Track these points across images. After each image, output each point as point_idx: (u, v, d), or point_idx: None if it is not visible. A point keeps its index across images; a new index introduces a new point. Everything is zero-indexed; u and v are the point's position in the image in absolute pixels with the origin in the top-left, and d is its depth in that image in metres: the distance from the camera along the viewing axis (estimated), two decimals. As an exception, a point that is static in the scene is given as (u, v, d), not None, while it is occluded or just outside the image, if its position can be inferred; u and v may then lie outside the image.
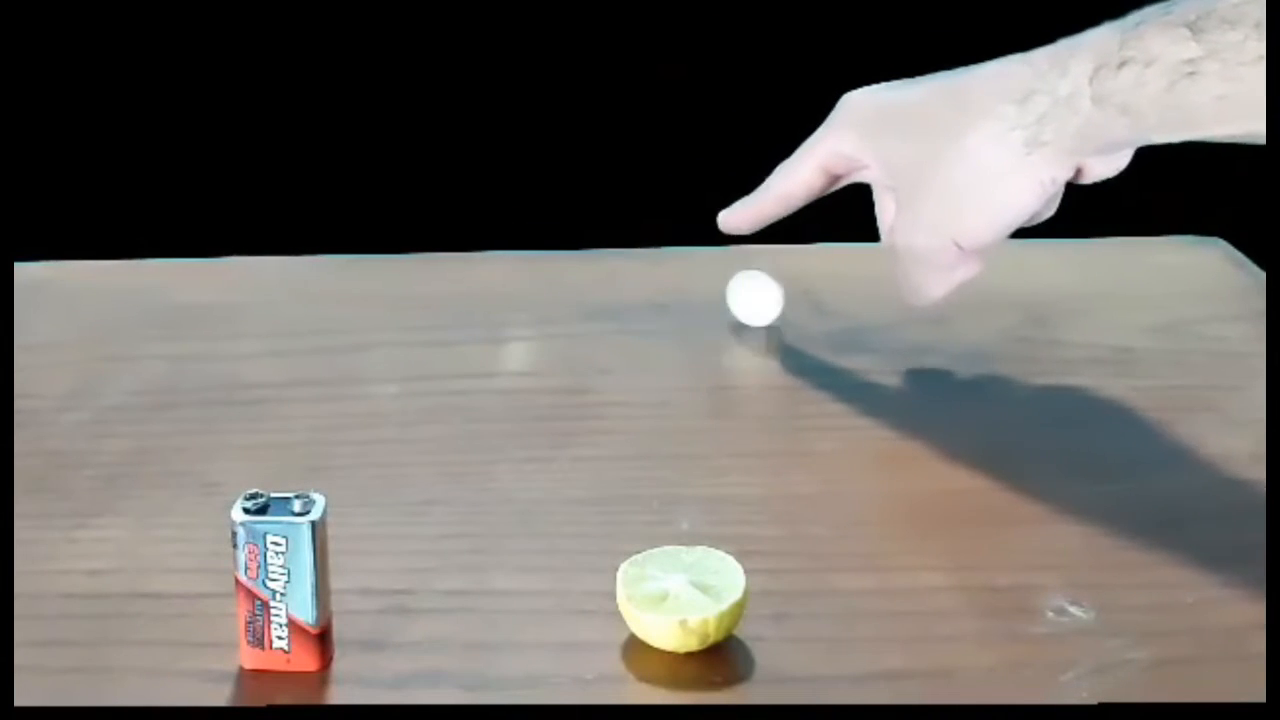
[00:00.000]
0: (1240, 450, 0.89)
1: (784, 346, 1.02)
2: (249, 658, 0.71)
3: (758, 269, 1.05)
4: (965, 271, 0.89)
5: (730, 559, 0.74)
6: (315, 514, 0.69)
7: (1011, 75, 0.83)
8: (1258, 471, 0.85)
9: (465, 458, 0.89)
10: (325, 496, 0.70)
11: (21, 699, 0.69)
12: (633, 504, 0.85)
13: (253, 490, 0.70)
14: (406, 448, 0.90)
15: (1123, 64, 0.78)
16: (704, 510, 0.84)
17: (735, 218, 0.97)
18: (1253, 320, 1.04)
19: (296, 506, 0.70)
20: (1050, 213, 0.87)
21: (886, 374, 0.99)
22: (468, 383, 0.98)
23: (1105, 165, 0.85)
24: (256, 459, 0.88)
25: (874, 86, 0.91)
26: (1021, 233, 0.96)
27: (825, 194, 0.94)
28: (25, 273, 1.07)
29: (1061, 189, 0.85)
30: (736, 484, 0.87)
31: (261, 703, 0.70)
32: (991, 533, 0.82)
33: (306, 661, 0.71)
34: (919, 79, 0.89)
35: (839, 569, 0.79)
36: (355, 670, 0.72)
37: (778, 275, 1.10)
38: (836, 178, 0.93)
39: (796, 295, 1.08)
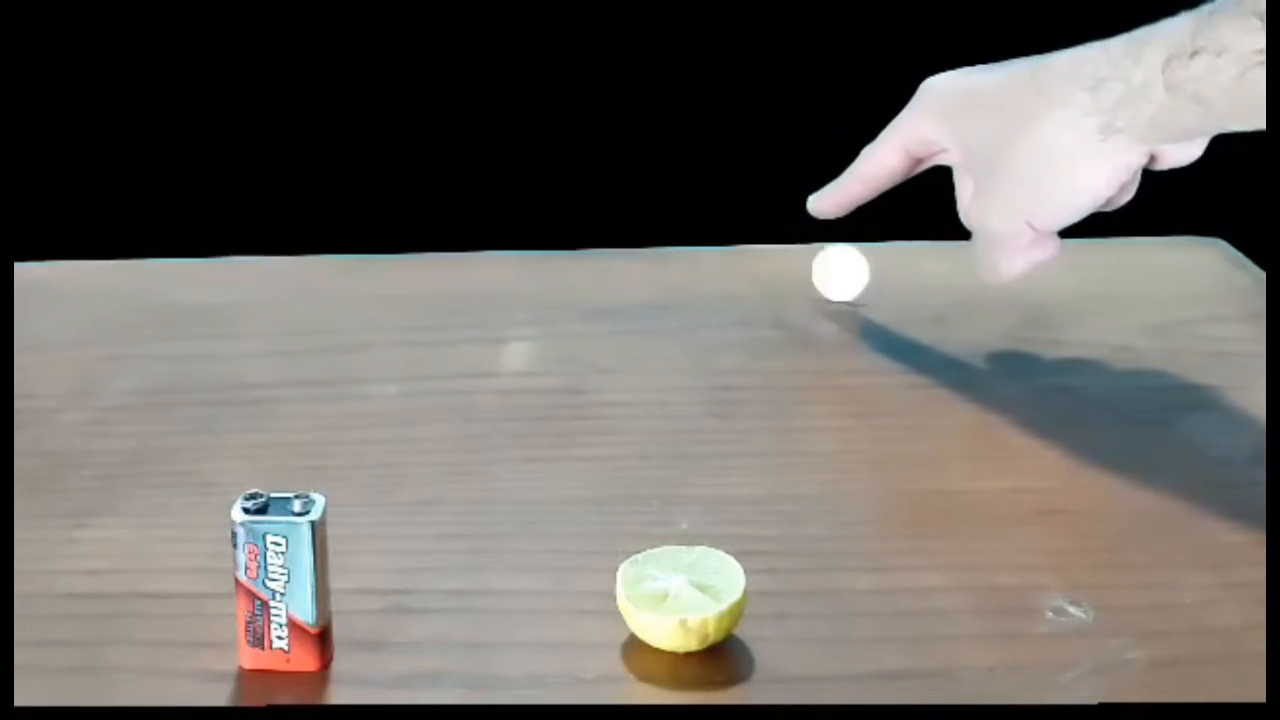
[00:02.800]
0: (1240, 450, 0.89)
1: (784, 346, 1.02)
2: (249, 658, 0.71)
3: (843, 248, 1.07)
4: (1040, 253, 0.90)
5: (730, 559, 0.74)
6: (315, 514, 0.69)
7: (1087, 62, 0.85)
8: (1257, 471, 0.85)
9: (465, 458, 0.89)
10: (325, 496, 0.70)
11: (21, 699, 0.69)
12: (633, 504, 0.85)
13: (253, 490, 0.70)
14: (406, 448, 0.90)
15: (1195, 53, 0.79)
16: (704, 510, 0.84)
17: (823, 202, 0.99)
18: (1252, 320, 1.04)
19: (296, 506, 0.70)
20: (1126, 199, 0.88)
21: (886, 374, 0.99)
22: (468, 383, 0.98)
23: (1180, 153, 0.86)
24: (256, 459, 0.88)
25: (955, 71, 0.93)
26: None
27: (909, 177, 0.96)
28: (25, 273, 1.07)
29: (1137, 176, 0.87)
30: (736, 484, 0.87)
31: (261, 703, 0.70)
32: (991, 533, 0.82)
33: (306, 661, 0.71)
34: (999, 64, 0.91)
35: (839, 569, 0.79)
36: (355, 670, 0.72)
37: (779, 275, 1.11)
38: (918, 160, 0.95)
39: (797, 295, 1.08)
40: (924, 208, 1.00)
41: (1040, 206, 0.87)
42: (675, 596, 0.72)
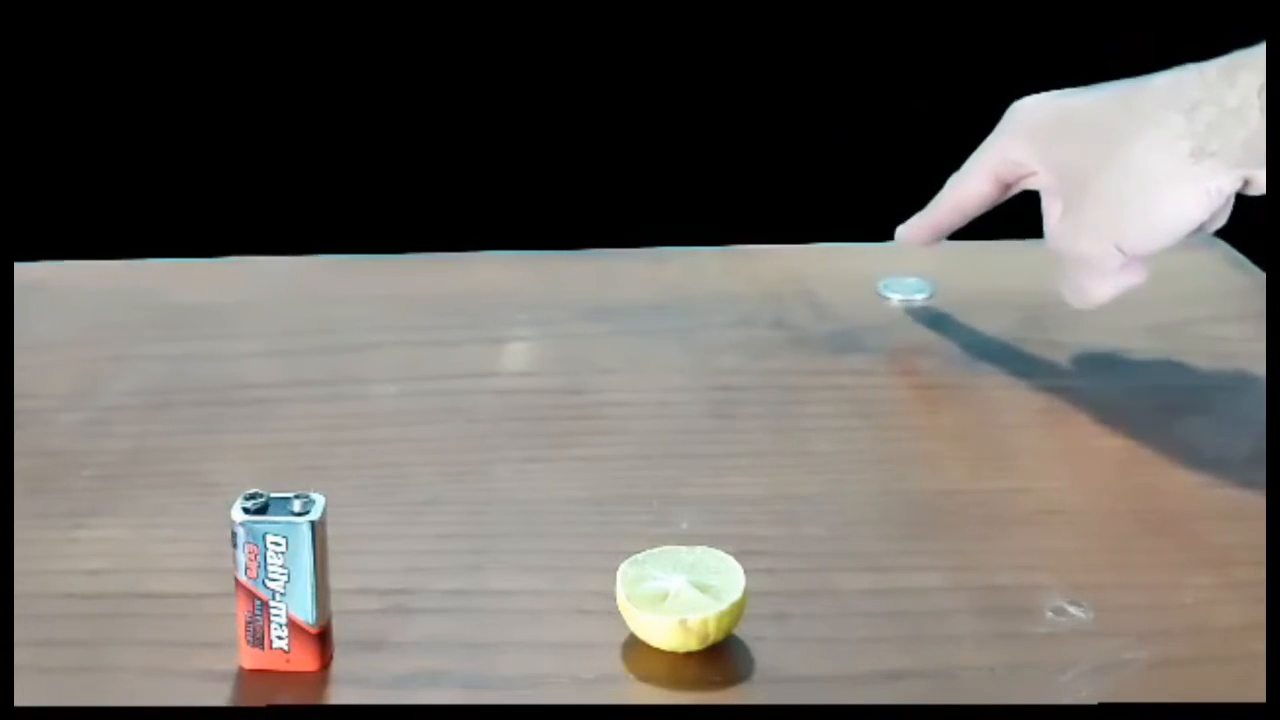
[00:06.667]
0: (1239, 451, 0.89)
1: (784, 346, 1.02)
2: (249, 658, 0.71)
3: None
4: (1129, 278, 0.89)
5: (730, 559, 0.74)
6: (315, 514, 0.70)
7: (1182, 85, 0.84)
8: (1257, 472, 0.85)
9: (465, 458, 0.89)
10: (325, 496, 0.70)
11: (21, 699, 0.69)
12: (633, 504, 0.85)
13: (252, 490, 0.70)
14: (406, 448, 0.90)
15: None
16: (704, 510, 0.84)
17: (912, 231, 0.99)
18: (1252, 321, 1.04)
19: (296, 506, 0.70)
20: (1219, 224, 0.88)
21: (885, 374, 0.99)
22: (468, 383, 0.98)
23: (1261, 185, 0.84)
24: (256, 459, 0.88)
25: (1044, 94, 0.92)
26: (1020, 233, 0.96)
27: (999, 203, 0.95)
28: (25, 273, 1.07)
29: (1230, 200, 0.86)
30: (736, 484, 0.87)
31: (261, 703, 0.70)
32: (991, 533, 0.82)
33: (306, 661, 0.71)
34: (1091, 87, 0.90)
35: (838, 569, 0.79)
36: (355, 670, 0.72)
37: (778, 275, 1.11)
38: (1007, 186, 0.94)
39: (796, 295, 1.08)
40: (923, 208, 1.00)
41: (1131, 230, 0.87)
42: (675, 596, 0.72)
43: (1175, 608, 0.76)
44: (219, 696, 0.70)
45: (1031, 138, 0.92)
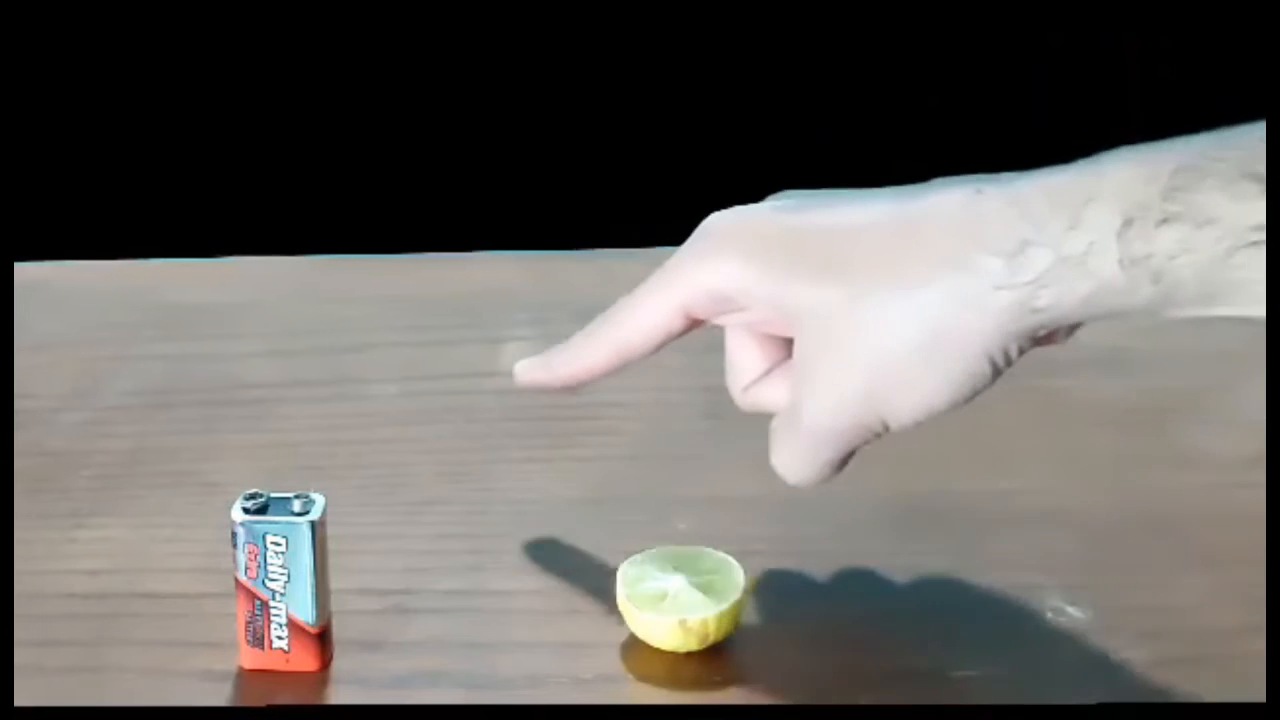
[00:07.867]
0: (1239, 451, 0.89)
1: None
2: (249, 658, 0.71)
3: None
4: (857, 449, 0.68)
5: (730, 559, 0.74)
6: (315, 514, 0.70)
7: (990, 216, 0.62)
8: (1256, 473, 0.85)
9: (465, 458, 0.89)
10: (325, 496, 0.70)
11: (21, 699, 0.69)
12: (632, 504, 0.85)
13: (252, 490, 0.70)
14: (406, 448, 0.90)
15: (1165, 220, 0.58)
16: (703, 510, 0.84)
17: (543, 374, 0.74)
18: (1252, 321, 1.03)
19: (296, 506, 0.70)
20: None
21: (886, 374, 0.99)
22: (468, 383, 0.98)
23: (1063, 336, 0.65)
24: (256, 459, 0.88)
25: (754, 208, 0.68)
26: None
27: (674, 340, 0.71)
28: (25, 273, 1.07)
29: None
30: (735, 484, 0.87)
31: (261, 703, 0.70)
32: (991, 533, 0.82)
33: (306, 661, 0.71)
34: (828, 198, 0.67)
35: (839, 569, 0.79)
36: (355, 670, 0.72)
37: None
38: (696, 323, 0.70)
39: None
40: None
41: (906, 402, 0.65)
42: (675, 596, 0.72)
43: (1174, 608, 0.76)
44: (218, 696, 0.70)
45: (749, 265, 0.66)
